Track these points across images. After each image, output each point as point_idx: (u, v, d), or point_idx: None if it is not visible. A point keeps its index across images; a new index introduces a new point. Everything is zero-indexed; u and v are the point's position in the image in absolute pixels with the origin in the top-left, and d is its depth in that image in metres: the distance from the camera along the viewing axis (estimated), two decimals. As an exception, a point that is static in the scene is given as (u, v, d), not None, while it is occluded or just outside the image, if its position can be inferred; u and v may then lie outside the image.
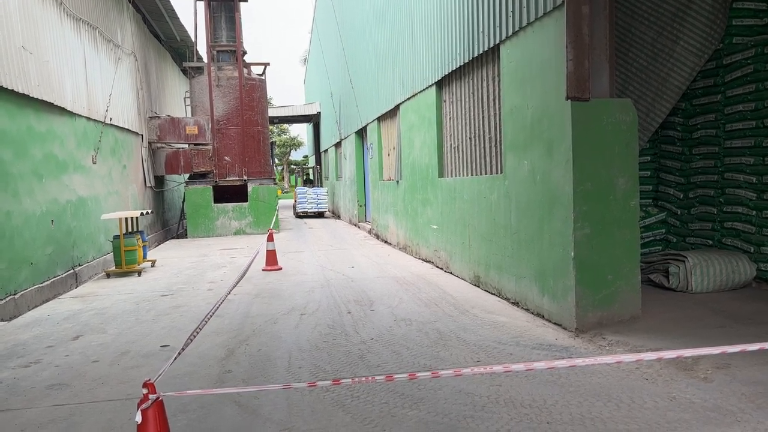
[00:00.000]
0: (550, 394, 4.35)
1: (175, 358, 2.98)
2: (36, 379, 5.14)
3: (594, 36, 5.97)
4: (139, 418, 2.41)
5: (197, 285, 9.66)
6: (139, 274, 11.00)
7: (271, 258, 11.30)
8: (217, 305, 4.34)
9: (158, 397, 2.46)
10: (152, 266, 12.08)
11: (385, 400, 4.36)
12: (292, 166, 54.14)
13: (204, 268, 11.66)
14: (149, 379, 2.49)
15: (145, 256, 11.83)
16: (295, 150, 60.63)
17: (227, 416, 4.17)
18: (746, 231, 7.34)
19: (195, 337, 3.33)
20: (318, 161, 34.45)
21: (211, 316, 3.63)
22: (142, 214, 11.62)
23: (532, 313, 6.82)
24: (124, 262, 10.90)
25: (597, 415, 3.97)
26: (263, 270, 11.02)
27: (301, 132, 59.02)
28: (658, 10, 7.30)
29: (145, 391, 2.44)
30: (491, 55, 8.02)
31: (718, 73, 7.67)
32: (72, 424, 4.11)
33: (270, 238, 11.40)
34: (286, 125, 55.07)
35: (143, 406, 2.41)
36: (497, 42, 7.53)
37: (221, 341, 6.17)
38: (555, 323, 6.31)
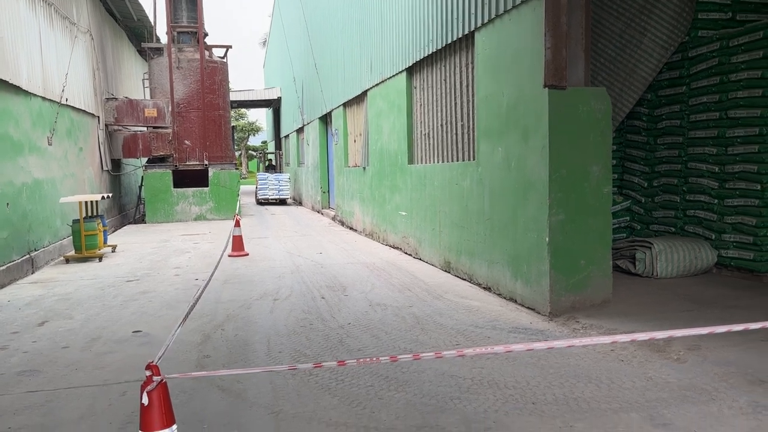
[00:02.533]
0: (531, 376, 4.44)
1: (174, 334, 2.92)
2: (5, 365, 4.96)
3: (571, 26, 6.05)
4: (146, 400, 2.35)
5: (163, 271, 9.46)
6: (100, 259, 10.71)
7: (238, 244, 11.15)
8: (201, 290, 4.27)
9: (162, 379, 2.41)
10: (113, 251, 11.77)
11: (370, 383, 4.37)
12: (251, 152, 53.39)
13: (167, 253, 11.43)
14: (152, 361, 2.44)
15: (105, 241, 11.51)
16: (254, 135, 59.76)
17: (212, 401, 4.11)
18: (708, 219, 7.61)
19: (188, 314, 3.25)
20: (278, 147, 34.05)
21: (199, 297, 3.56)
22: (102, 197, 11.29)
23: (505, 298, 6.92)
24: (85, 247, 10.58)
25: (579, 395, 4.07)
26: (230, 256, 10.87)
27: (260, 117, 58.26)
28: (627, 2, 7.44)
29: (148, 373, 2.39)
30: (465, 41, 8.05)
31: (684, 65, 7.89)
32: (50, 410, 3.99)
33: (237, 224, 11.25)
34: (243, 110, 54.18)
35: (148, 388, 2.35)
36: (472, 29, 7.55)
37: (195, 326, 6.06)
38: (528, 307, 6.42)
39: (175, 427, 2.49)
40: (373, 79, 12.34)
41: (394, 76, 10.94)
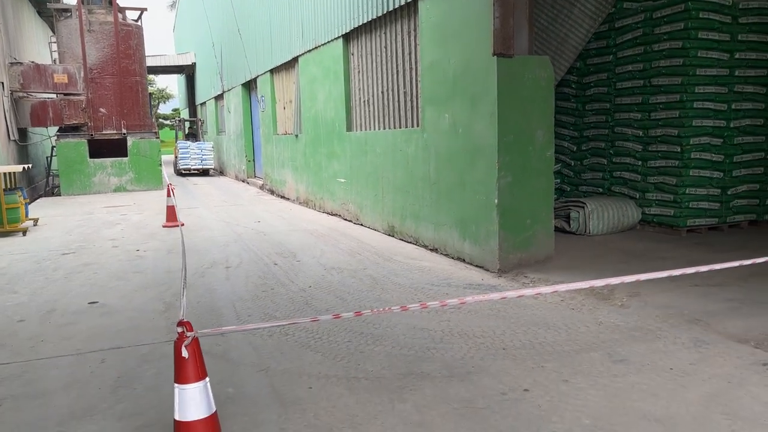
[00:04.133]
0: (496, 326, 4.78)
1: (183, 301, 2.98)
2: (-40, 341, 4.77)
3: (516, -5, 6.33)
4: (186, 354, 2.43)
5: (98, 243, 9.16)
6: (24, 233, 10.19)
7: (171, 214, 10.90)
8: (183, 281, 4.28)
9: (195, 335, 2.49)
10: (35, 225, 11.20)
11: (347, 339, 4.56)
12: (161, 120, 51.27)
13: (96, 226, 11.02)
14: (183, 318, 2.51)
15: (27, 215, 10.94)
16: (164, 103, 57.35)
17: (197, 363, 4.17)
18: (633, 180, 8.24)
19: (185, 286, 3.29)
20: (193, 114, 32.93)
21: (184, 280, 3.60)
22: (23, 168, 10.69)
23: (453, 258, 7.26)
24: (6, 221, 10.03)
25: (543, 340, 4.45)
26: (164, 226, 10.65)
27: (171, 84, 55.82)
28: (558, -27, 7.82)
29: (180, 329, 2.46)
30: (408, 9, 8.19)
31: (611, 36, 8.40)
32: (30, 381, 3.92)
33: (169, 193, 10.98)
34: (152, 76, 51.75)
35: (186, 342, 2.44)
36: (415, -3, 7.70)
37: (153, 295, 6.02)
38: (477, 266, 6.79)
39: (207, 379, 2.59)
40: (305, 44, 12.25)
41: (329, 42, 10.93)
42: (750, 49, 7.66)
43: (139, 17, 19.55)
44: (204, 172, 24.67)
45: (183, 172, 24.32)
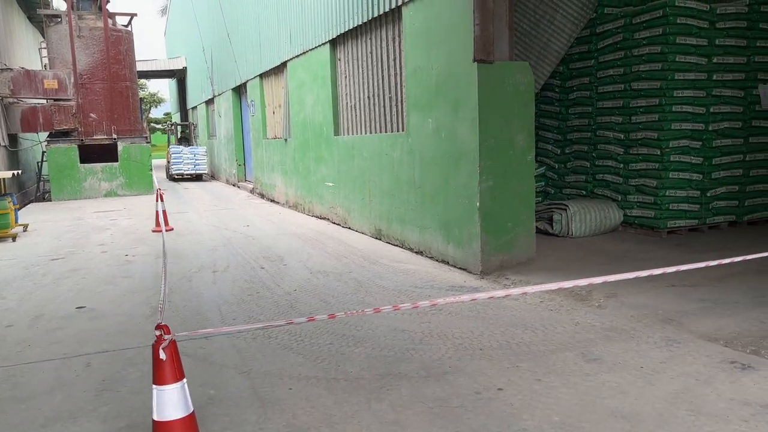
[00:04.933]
0: (475, 327, 4.89)
1: (162, 309, 3.07)
2: (-52, 347, 4.84)
3: (496, 3, 6.45)
4: (163, 356, 2.53)
5: (87, 248, 9.23)
6: (14, 239, 10.24)
7: (160, 218, 10.96)
8: (163, 285, 4.36)
9: (172, 337, 2.59)
10: (24, 231, 11.25)
11: (329, 341, 4.66)
12: (153, 124, 51.23)
13: (86, 231, 11.08)
14: (160, 322, 2.61)
15: (17, 220, 10.99)
16: (155, 107, 57.30)
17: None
18: (615, 182, 8.38)
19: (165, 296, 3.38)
20: (184, 119, 32.96)
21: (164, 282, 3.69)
22: (13, 174, 10.74)
23: (437, 260, 7.37)
24: (-4, 227, 10.08)
25: (520, 340, 4.56)
26: (153, 231, 10.72)
27: (162, 88, 55.79)
28: (540, -21, 7.96)
29: (158, 332, 2.56)
30: (392, 16, 8.30)
31: (592, 41, 8.54)
32: (17, 384, 4.00)
33: (160, 198, 11.04)
34: (143, 80, 51.72)
35: (163, 345, 2.53)
36: (399, 4, 7.82)
37: (141, 300, 6.10)
38: (460, 268, 6.90)
39: (185, 380, 2.69)
40: (293, 50, 12.35)
41: (316, 47, 11.03)
42: (727, 54, 7.81)
43: (129, 22, 19.61)
44: (197, 177, 24.32)
45: (176, 177, 23.92)
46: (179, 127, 28.77)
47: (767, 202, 8.38)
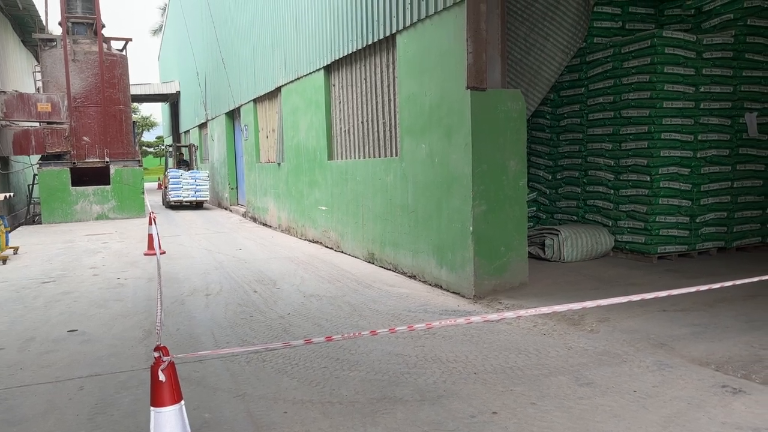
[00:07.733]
0: (469, 351, 4.91)
1: (160, 320, 3.08)
2: (-61, 370, 4.80)
3: (489, 32, 6.59)
4: (163, 378, 2.53)
5: (78, 271, 9.19)
6: (5, 261, 10.18)
7: (153, 242, 10.95)
8: (159, 307, 4.35)
9: (171, 359, 2.60)
10: (15, 253, 11.19)
11: (324, 365, 4.66)
12: (144, 147, 51.27)
13: (77, 254, 11.04)
14: (159, 344, 2.61)
15: (7, 243, 10.94)
16: (148, 130, 57.41)
17: (175, 390, 4.24)
18: (605, 207, 8.47)
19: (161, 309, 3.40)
20: (176, 141, 33.00)
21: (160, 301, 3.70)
22: (5, 197, 10.71)
23: (430, 285, 7.40)
24: (-14, 250, 10.03)
25: (513, 364, 4.58)
26: (145, 254, 10.70)
27: (155, 111, 55.94)
28: (530, 8, 8.11)
29: (157, 354, 2.57)
30: (386, 43, 8.44)
31: (582, 69, 8.71)
32: (9, 408, 3.97)
33: (152, 221, 11.04)
34: (135, 104, 51.88)
35: (162, 366, 2.54)
36: (393, 31, 7.96)
37: (133, 323, 6.07)
38: (453, 292, 6.93)
39: (183, 402, 2.69)
40: (288, 75, 12.48)
41: (311, 73, 11.16)
42: (714, 83, 7.98)
43: (124, 47, 19.76)
44: (198, 205, 21.53)
45: (173, 203, 20.97)
46: (182, 149, 26.14)
47: (755, 228, 8.49)
